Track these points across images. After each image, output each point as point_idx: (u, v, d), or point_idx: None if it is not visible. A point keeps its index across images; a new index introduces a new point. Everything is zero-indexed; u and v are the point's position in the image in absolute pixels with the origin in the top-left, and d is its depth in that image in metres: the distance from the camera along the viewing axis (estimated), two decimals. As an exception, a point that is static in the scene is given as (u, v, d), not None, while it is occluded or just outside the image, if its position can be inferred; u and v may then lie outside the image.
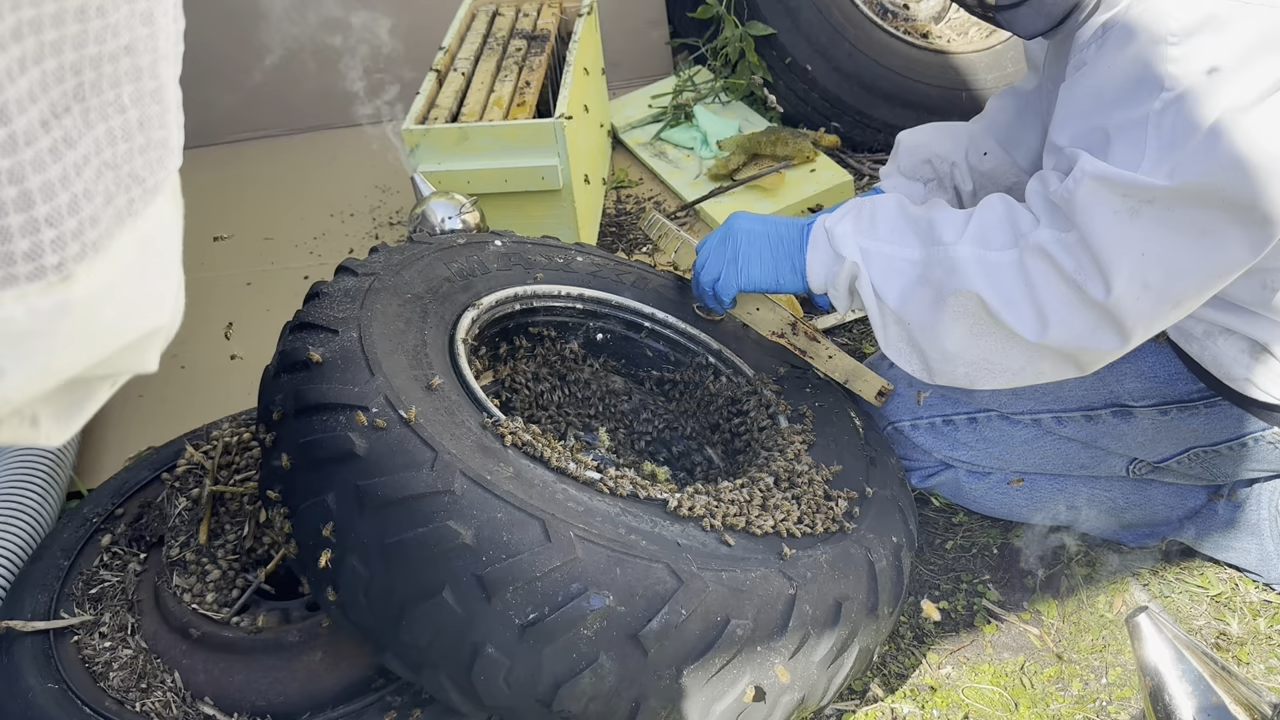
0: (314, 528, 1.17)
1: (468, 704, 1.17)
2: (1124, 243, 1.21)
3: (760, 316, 1.59)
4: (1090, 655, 1.54)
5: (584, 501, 1.22)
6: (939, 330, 1.38)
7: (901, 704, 1.48)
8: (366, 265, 1.47)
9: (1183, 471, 1.57)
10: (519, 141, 2.04)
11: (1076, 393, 1.56)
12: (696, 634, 1.15)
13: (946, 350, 1.39)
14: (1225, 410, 1.46)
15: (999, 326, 1.33)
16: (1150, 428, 1.52)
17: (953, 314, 1.36)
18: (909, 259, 1.40)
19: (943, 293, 1.36)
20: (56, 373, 0.49)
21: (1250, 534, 1.62)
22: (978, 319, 1.35)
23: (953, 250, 1.35)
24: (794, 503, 1.39)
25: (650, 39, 2.92)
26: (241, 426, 1.57)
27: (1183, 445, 1.53)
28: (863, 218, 1.46)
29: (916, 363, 1.44)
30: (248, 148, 2.84)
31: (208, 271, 2.42)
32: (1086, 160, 1.22)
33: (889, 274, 1.41)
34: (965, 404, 1.65)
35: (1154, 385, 1.49)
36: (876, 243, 1.42)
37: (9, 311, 0.45)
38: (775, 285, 1.53)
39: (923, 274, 1.38)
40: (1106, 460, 1.60)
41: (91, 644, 1.37)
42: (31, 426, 0.52)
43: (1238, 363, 1.39)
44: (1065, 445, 1.60)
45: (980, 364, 1.38)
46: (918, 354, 1.43)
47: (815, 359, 1.63)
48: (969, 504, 1.72)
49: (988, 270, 1.32)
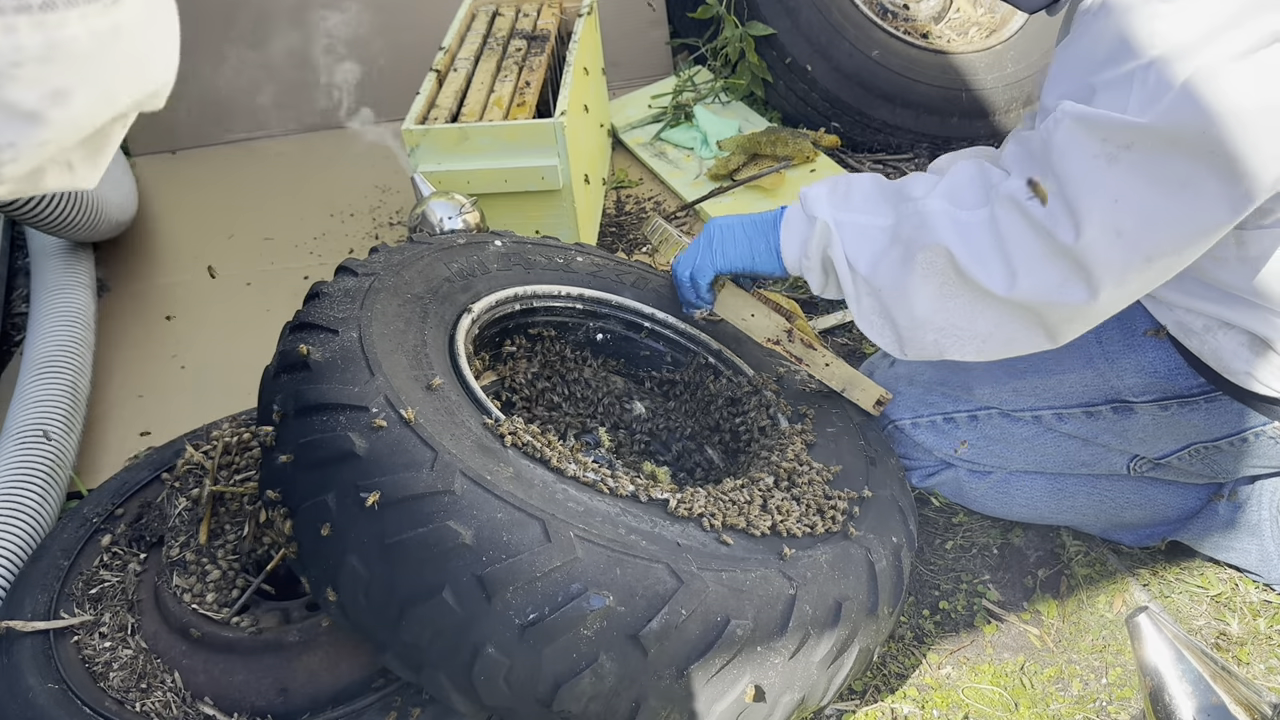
0: (314, 528, 1.17)
1: (468, 704, 1.17)
2: (1099, 187, 1.18)
3: (755, 323, 1.59)
4: (1090, 655, 1.54)
5: (584, 501, 1.22)
6: (908, 292, 1.36)
7: (901, 704, 1.48)
8: (366, 265, 1.47)
9: (1183, 468, 1.57)
10: (519, 141, 2.04)
11: (1077, 389, 1.56)
12: (696, 634, 1.15)
13: (915, 315, 1.37)
14: (1225, 405, 1.46)
15: (967, 284, 1.32)
16: (1151, 424, 1.52)
17: (921, 272, 1.34)
18: (881, 225, 1.40)
19: (911, 249, 1.35)
20: (112, 100, 0.54)
21: (1250, 534, 1.62)
22: (946, 277, 1.33)
23: (922, 204, 1.35)
24: (794, 503, 1.39)
25: (650, 39, 2.92)
26: (241, 426, 1.57)
27: (1183, 441, 1.53)
28: (838, 190, 1.46)
29: (889, 334, 1.43)
30: (248, 148, 2.84)
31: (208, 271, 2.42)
32: (1068, 104, 1.20)
33: (861, 241, 1.40)
34: (966, 401, 1.65)
35: (1154, 380, 1.49)
36: (850, 213, 1.43)
37: (73, 31, 0.49)
38: (750, 264, 1.53)
39: (893, 235, 1.38)
40: (1107, 458, 1.60)
41: (91, 644, 1.37)
42: (69, 171, 0.56)
43: (1238, 356, 1.38)
44: (1066, 443, 1.60)
45: (949, 329, 1.37)
46: (889, 324, 1.42)
47: (812, 367, 1.62)
48: (969, 503, 1.72)
49: (958, 226, 1.31)
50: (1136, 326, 1.49)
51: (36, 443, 1.74)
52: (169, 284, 2.40)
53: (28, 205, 1.98)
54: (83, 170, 0.57)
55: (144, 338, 2.24)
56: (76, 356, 1.98)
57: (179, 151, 2.85)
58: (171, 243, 2.53)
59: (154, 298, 2.36)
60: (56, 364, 1.92)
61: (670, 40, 2.94)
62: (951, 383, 1.66)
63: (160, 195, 2.69)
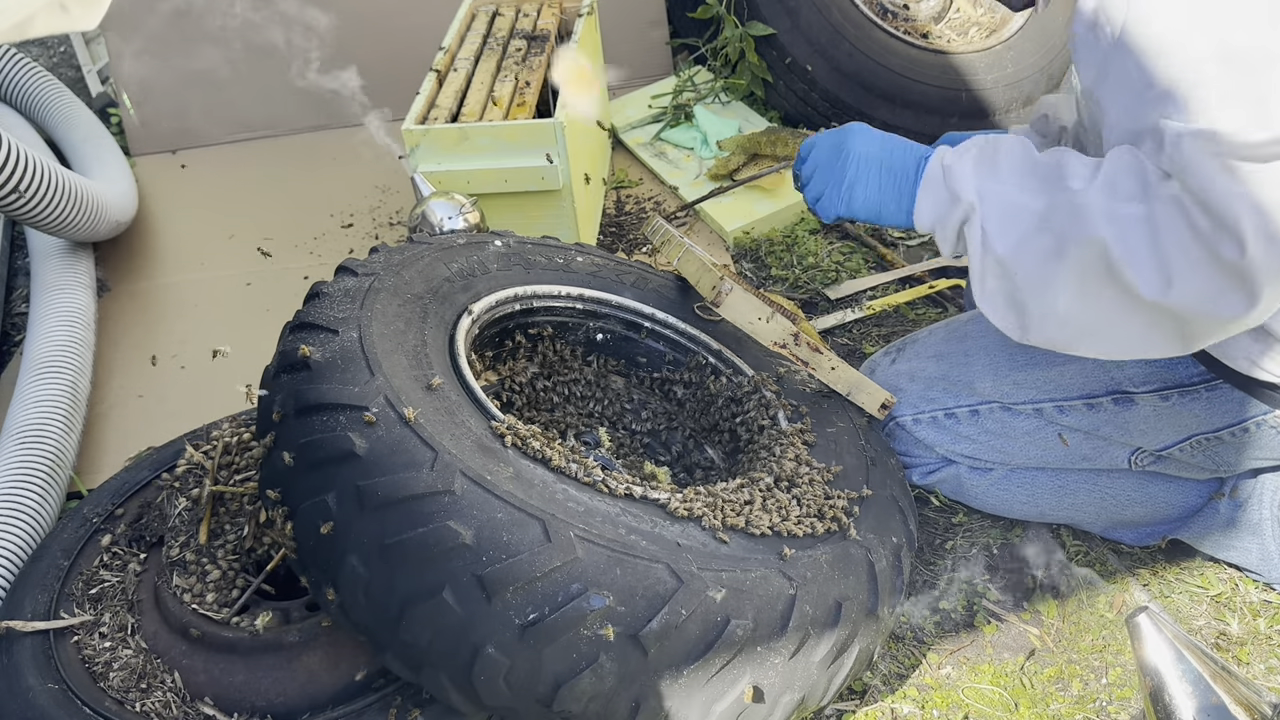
0: (314, 528, 1.17)
1: (468, 704, 1.17)
2: (1243, 196, 1.14)
3: (762, 328, 1.59)
4: (1090, 655, 1.54)
5: (584, 501, 1.22)
6: (1051, 284, 1.30)
7: (901, 704, 1.48)
8: (366, 265, 1.48)
9: (1185, 460, 1.57)
10: (519, 141, 2.04)
11: (1077, 380, 1.56)
12: (696, 634, 1.15)
13: (1055, 308, 1.31)
14: (1226, 394, 1.46)
15: (1115, 282, 1.26)
16: (1152, 415, 1.52)
17: (1071, 267, 1.28)
18: (1032, 209, 1.32)
19: (1064, 242, 1.28)
20: None
21: (1251, 533, 1.62)
22: (1096, 273, 1.27)
23: (1080, 197, 1.27)
24: (794, 503, 1.39)
25: (650, 39, 2.92)
26: (241, 426, 1.57)
27: (1184, 433, 1.52)
28: (985, 157, 1.37)
29: (1013, 319, 1.37)
30: (248, 148, 2.84)
31: (208, 271, 2.42)
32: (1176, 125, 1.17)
33: (1006, 220, 1.33)
34: (967, 396, 1.65)
35: (1155, 370, 1.49)
36: (998, 184, 1.35)
37: None
38: (877, 216, 1.47)
39: (1043, 221, 1.30)
40: (1109, 451, 1.59)
41: (91, 644, 1.37)
42: (63, 13, 0.56)
43: (1240, 345, 1.36)
44: (1068, 436, 1.60)
45: (1087, 328, 1.31)
46: (1016, 310, 1.36)
47: (818, 370, 1.62)
48: (970, 501, 1.71)
49: (1115, 220, 1.24)
50: None
51: (37, 442, 1.74)
52: (169, 284, 2.40)
53: (28, 205, 1.98)
54: (77, 12, 0.56)
55: (144, 338, 2.24)
56: (76, 356, 1.97)
57: (179, 151, 2.85)
58: (171, 243, 2.53)
59: (154, 298, 2.36)
60: (56, 364, 1.92)
61: (670, 40, 2.94)
62: (953, 378, 1.66)
63: (160, 195, 2.69)
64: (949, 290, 2.22)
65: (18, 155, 1.92)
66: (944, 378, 1.67)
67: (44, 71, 2.91)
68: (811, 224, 2.42)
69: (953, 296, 2.21)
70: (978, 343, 1.67)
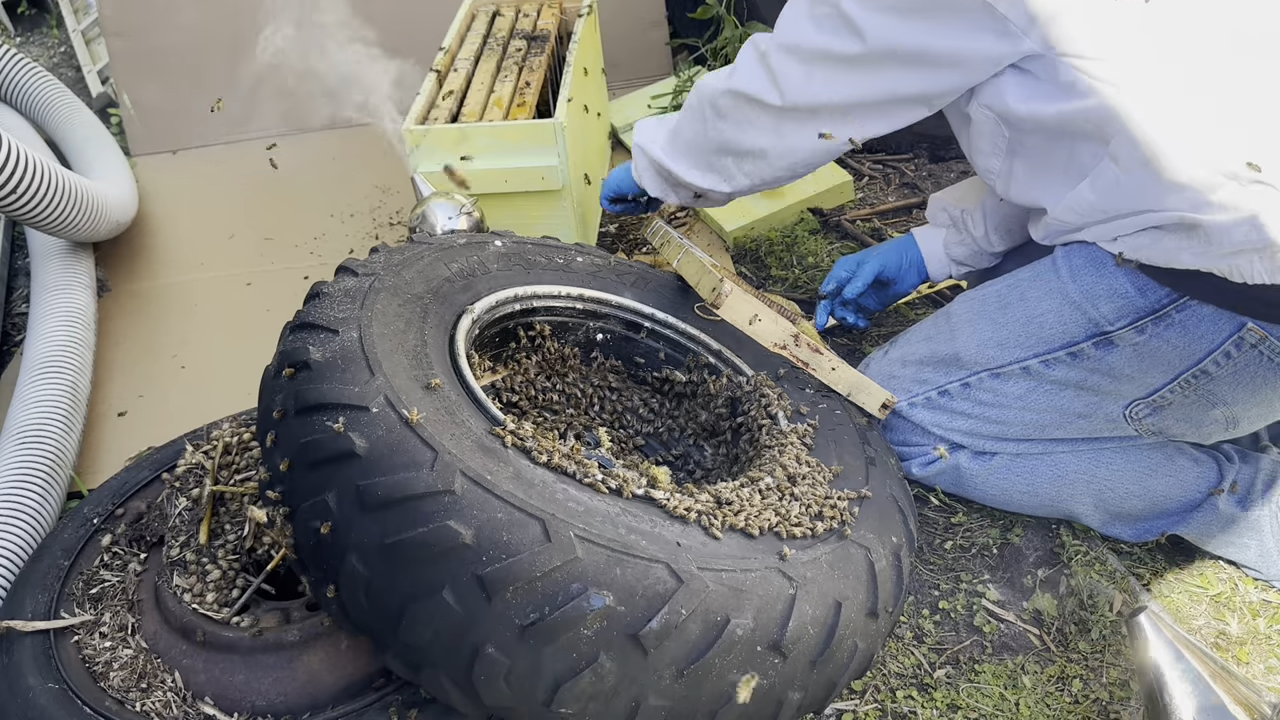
0: (314, 527, 1.17)
1: (468, 704, 1.17)
2: None
3: (762, 329, 1.59)
4: (1090, 655, 1.54)
5: (584, 501, 1.22)
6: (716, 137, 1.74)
7: (901, 704, 1.48)
8: (367, 265, 1.48)
9: (1181, 405, 1.56)
10: (519, 141, 2.04)
11: (1056, 329, 1.58)
12: (696, 634, 1.15)
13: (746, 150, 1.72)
14: (1197, 312, 1.47)
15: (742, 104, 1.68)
16: (1134, 355, 1.53)
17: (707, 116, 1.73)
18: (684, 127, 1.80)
19: None
20: None
21: (1251, 530, 1.62)
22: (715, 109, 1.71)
23: None
24: (794, 503, 1.39)
25: (650, 39, 2.92)
26: (241, 426, 1.57)
27: (1171, 371, 1.53)
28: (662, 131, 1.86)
29: (715, 179, 1.79)
30: (248, 148, 2.84)
31: (208, 271, 2.42)
32: None
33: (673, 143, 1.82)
34: (956, 371, 1.66)
35: (1125, 302, 1.51)
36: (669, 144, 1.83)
37: None
38: (620, 184, 1.99)
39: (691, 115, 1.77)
40: (1103, 406, 1.60)
41: (92, 644, 1.37)
42: None
43: (1182, 247, 1.43)
44: (1058, 393, 1.61)
45: (746, 151, 1.71)
46: (715, 172, 1.77)
47: (818, 371, 1.62)
48: (968, 492, 1.72)
49: None
50: (1105, 261, 1.53)
51: (37, 442, 1.74)
52: (169, 284, 2.40)
53: (28, 205, 1.98)
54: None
55: (144, 338, 2.24)
56: (76, 356, 1.98)
57: (179, 151, 2.85)
58: (171, 243, 2.53)
59: (154, 298, 2.36)
60: (56, 364, 1.92)
61: (670, 40, 2.94)
62: (940, 355, 1.68)
63: (160, 195, 2.69)
64: (949, 290, 2.22)
65: (18, 155, 1.92)
66: (932, 356, 1.69)
67: (44, 71, 2.91)
68: (811, 224, 2.42)
69: (952, 296, 2.21)
70: (961, 318, 1.71)
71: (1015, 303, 1.64)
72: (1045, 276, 1.61)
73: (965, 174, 2.63)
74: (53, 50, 3.62)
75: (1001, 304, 1.65)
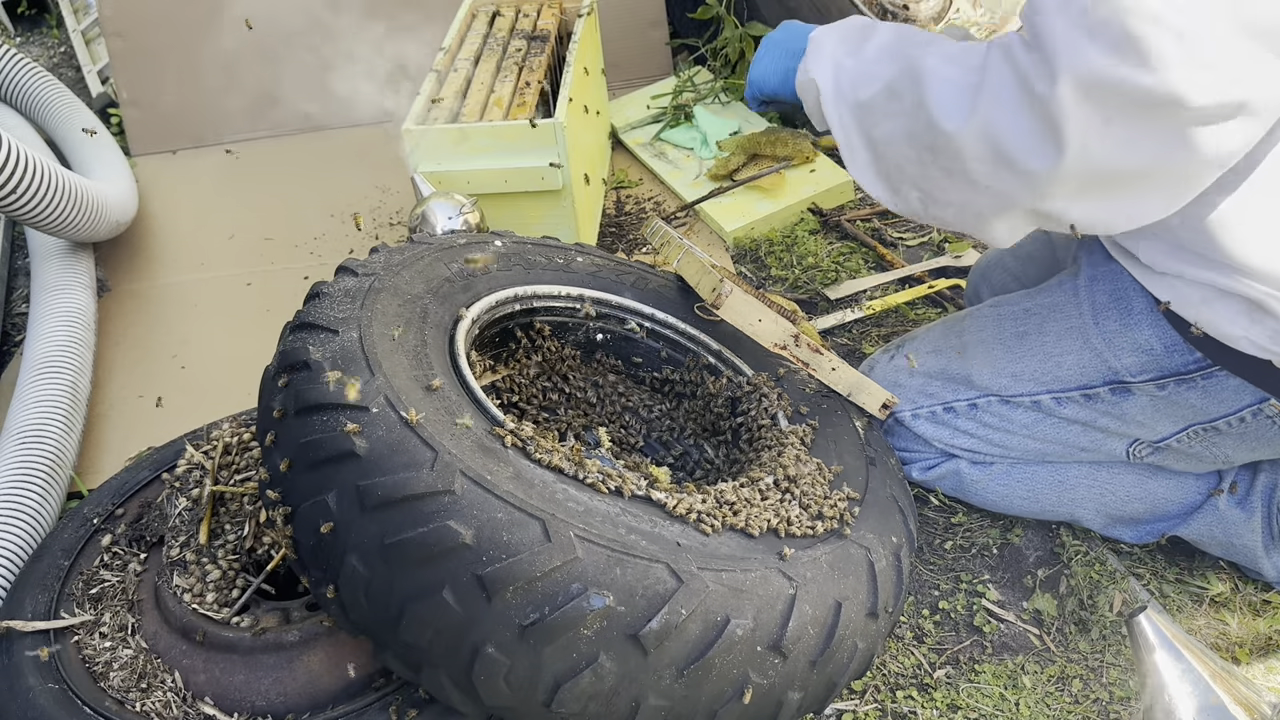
0: (314, 527, 1.17)
1: (468, 704, 1.17)
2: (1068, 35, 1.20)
3: (763, 329, 1.59)
4: (1090, 655, 1.54)
5: (584, 501, 1.22)
6: (895, 147, 1.41)
7: (901, 704, 1.48)
8: (366, 265, 1.48)
9: (1183, 451, 1.56)
10: (519, 141, 2.04)
11: (1074, 371, 1.56)
12: (696, 634, 1.15)
13: (906, 172, 1.42)
14: (1222, 382, 1.46)
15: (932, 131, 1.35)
16: (1149, 404, 1.52)
17: (905, 125, 1.39)
18: (879, 76, 1.42)
19: (904, 102, 1.38)
20: None
21: (1250, 531, 1.62)
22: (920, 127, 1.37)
23: (921, 61, 1.36)
24: (794, 503, 1.39)
25: (650, 39, 2.92)
26: (241, 426, 1.57)
27: (1182, 423, 1.52)
28: (850, 35, 1.50)
29: (881, 188, 1.48)
30: (248, 147, 2.84)
31: (208, 271, 2.42)
32: None
33: (856, 86, 1.45)
34: (965, 390, 1.65)
35: (1151, 359, 1.49)
36: (854, 60, 1.46)
37: None
38: (773, 90, 1.62)
39: (888, 89, 1.40)
40: (1107, 443, 1.59)
41: (92, 644, 1.37)
42: None
43: (1235, 323, 1.37)
44: (1066, 428, 1.60)
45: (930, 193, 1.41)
46: (882, 179, 1.47)
47: (818, 372, 1.62)
48: (969, 497, 1.71)
49: (940, 63, 1.35)
50: (1133, 306, 1.49)
51: (37, 442, 1.74)
52: (169, 284, 2.40)
53: (27, 205, 1.98)
54: None
55: (144, 338, 2.24)
56: (76, 356, 1.98)
57: (179, 151, 2.85)
58: (171, 243, 2.53)
59: (154, 298, 2.36)
60: (56, 364, 1.92)
61: (670, 40, 2.94)
62: (951, 372, 1.67)
63: (160, 195, 2.69)
64: (949, 290, 2.22)
65: (18, 155, 1.92)
66: (942, 372, 1.68)
67: (44, 71, 2.91)
68: (811, 224, 2.42)
69: (952, 296, 2.21)
70: (975, 336, 1.67)
71: (1033, 334, 1.60)
72: (1066, 310, 1.57)
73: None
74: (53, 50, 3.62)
75: (1019, 333, 1.62)
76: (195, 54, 2.79)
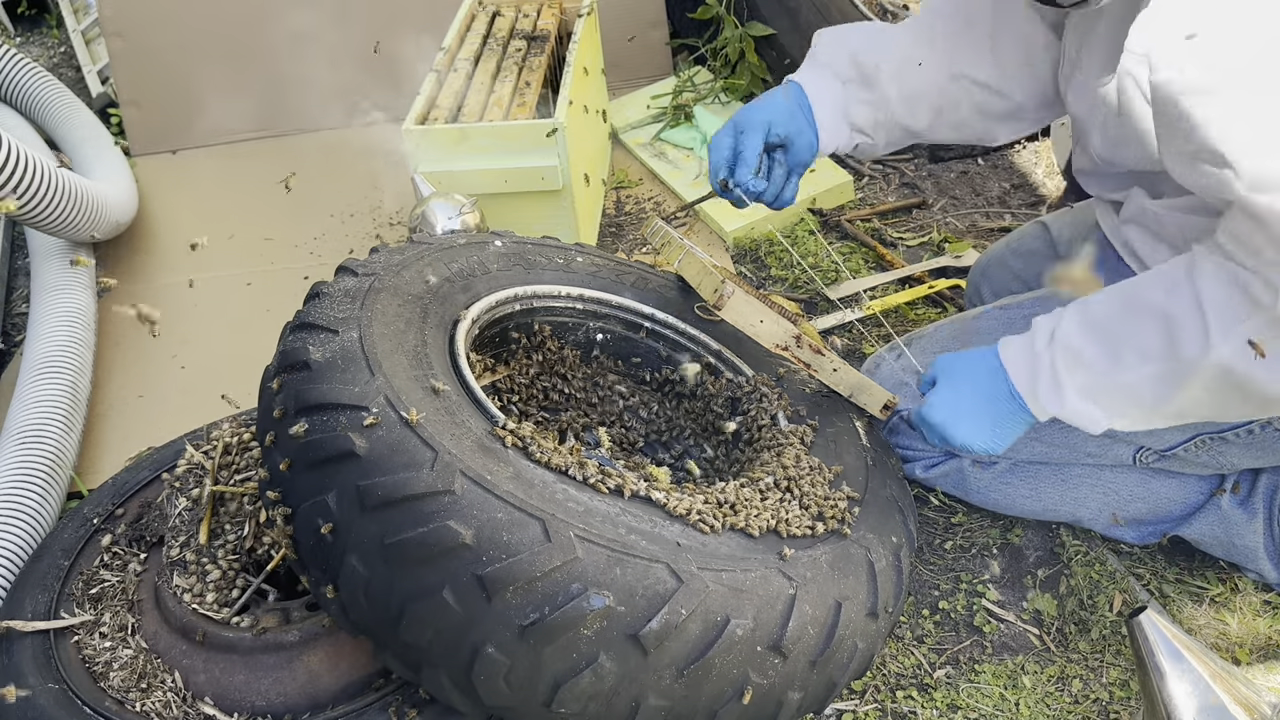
0: (314, 528, 1.17)
1: (468, 704, 1.17)
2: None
3: (764, 330, 1.59)
4: (1090, 655, 1.54)
5: (584, 501, 1.22)
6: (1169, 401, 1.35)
7: (901, 704, 1.48)
8: (366, 265, 1.48)
9: (1189, 459, 1.57)
10: (519, 142, 2.04)
11: None
12: (696, 634, 1.15)
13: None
14: None
15: None
16: None
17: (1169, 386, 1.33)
18: (1141, 379, 1.34)
19: (1177, 378, 1.32)
20: None
21: (1252, 532, 1.62)
22: None
23: (1211, 359, 1.28)
24: (794, 503, 1.39)
25: (650, 39, 2.92)
26: (241, 426, 1.57)
27: (1190, 432, 1.53)
28: (1076, 369, 1.38)
29: None
30: (248, 148, 2.84)
31: (208, 271, 2.42)
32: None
33: (1124, 404, 1.38)
34: None
35: None
36: (1106, 380, 1.36)
37: None
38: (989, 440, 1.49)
39: (1156, 381, 1.33)
40: (1114, 449, 1.59)
41: (92, 644, 1.37)
42: None
43: None
44: (1072, 433, 1.60)
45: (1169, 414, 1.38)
46: None
47: (820, 373, 1.62)
48: (971, 496, 1.71)
49: None
50: None
51: (37, 442, 1.74)
52: (169, 284, 2.40)
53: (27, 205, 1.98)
54: None
55: (144, 338, 2.24)
56: (76, 356, 1.97)
57: (179, 151, 2.85)
58: (171, 243, 2.53)
59: (154, 298, 2.36)
60: (56, 364, 1.92)
61: (670, 40, 2.94)
62: None
63: (160, 195, 2.69)
64: (949, 290, 2.22)
65: (18, 155, 1.92)
66: None
67: (44, 71, 2.91)
68: (811, 224, 2.42)
69: (952, 296, 2.21)
70: (983, 339, 1.67)
71: None
72: None
73: (964, 174, 2.63)
74: (53, 50, 3.62)
75: None
76: (195, 54, 2.78)
